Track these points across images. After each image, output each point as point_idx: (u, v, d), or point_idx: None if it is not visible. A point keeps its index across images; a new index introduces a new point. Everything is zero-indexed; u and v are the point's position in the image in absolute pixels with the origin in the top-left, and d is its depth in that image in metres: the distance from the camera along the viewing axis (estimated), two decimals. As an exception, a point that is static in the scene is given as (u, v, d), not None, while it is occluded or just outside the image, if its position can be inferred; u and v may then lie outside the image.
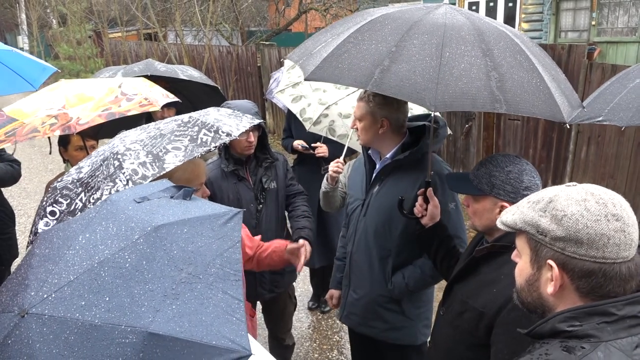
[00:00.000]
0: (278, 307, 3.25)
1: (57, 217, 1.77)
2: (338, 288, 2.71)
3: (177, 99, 3.14)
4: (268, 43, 10.69)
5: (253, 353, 1.15)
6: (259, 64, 10.15)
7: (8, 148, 3.41)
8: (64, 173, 2.49)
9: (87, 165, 1.87)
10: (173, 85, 3.85)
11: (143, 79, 3.12)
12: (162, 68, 4.09)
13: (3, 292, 1.28)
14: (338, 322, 4.28)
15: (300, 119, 3.55)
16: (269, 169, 2.99)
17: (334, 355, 3.93)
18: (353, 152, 3.26)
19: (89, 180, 1.79)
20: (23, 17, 23.06)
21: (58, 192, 1.82)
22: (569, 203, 1.12)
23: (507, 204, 1.73)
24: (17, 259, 3.86)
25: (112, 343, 1.10)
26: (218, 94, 4.21)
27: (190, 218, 1.34)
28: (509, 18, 12.09)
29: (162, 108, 3.15)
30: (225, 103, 3.04)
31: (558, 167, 5.87)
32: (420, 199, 2.14)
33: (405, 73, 1.77)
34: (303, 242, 2.38)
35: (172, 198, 1.45)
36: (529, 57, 1.88)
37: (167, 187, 1.50)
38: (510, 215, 1.22)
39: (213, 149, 1.90)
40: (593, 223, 1.09)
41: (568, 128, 5.40)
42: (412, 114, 2.50)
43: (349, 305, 2.55)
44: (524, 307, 1.24)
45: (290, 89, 3.68)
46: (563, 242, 1.11)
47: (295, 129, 4.05)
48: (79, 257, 1.23)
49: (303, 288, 4.70)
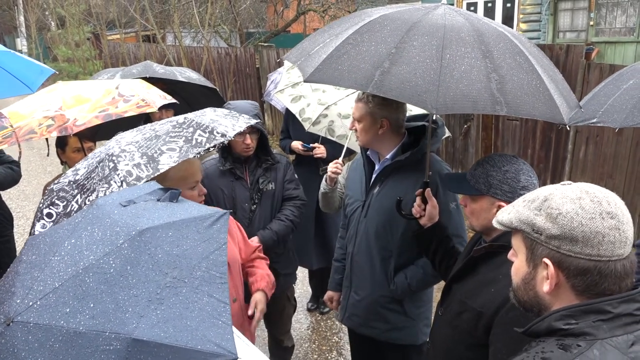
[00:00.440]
0: (277, 308, 3.23)
1: (53, 219, 1.77)
2: (337, 290, 2.70)
3: (174, 101, 3.14)
4: (266, 44, 10.68)
5: (239, 357, 1.14)
6: (258, 66, 10.14)
7: (13, 154, 3.39)
8: (62, 175, 2.48)
9: (83, 167, 1.87)
10: (171, 87, 3.84)
11: (141, 81, 3.12)
12: (160, 70, 4.08)
13: None
14: (337, 323, 4.27)
15: (300, 119, 3.54)
16: (269, 171, 2.98)
17: (333, 356, 3.93)
18: (352, 152, 3.25)
19: (85, 182, 1.78)
20: (21, 19, 23.09)
21: (55, 194, 1.81)
22: (564, 201, 1.13)
23: (504, 204, 1.72)
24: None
25: (96, 350, 1.09)
26: (216, 96, 4.20)
27: (176, 221, 1.32)
28: (507, 18, 12.11)
29: (160, 110, 3.16)
30: (227, 104, 3.03)
31: (557, 167, 5.88)
32: (419, 200, 2.14)
33: (406, 75, 1.76)
34: (254, 301, 2.23)
35: (158, 201, 1.44)
36: (528, 58, 1.88)
37: (154, 189, 1.49)
38: (506, 214, 1.22)
39: (211, 150, 1.90)
40: (588, 221, 1.09)
41: (567, 129, 5.40)
42: (411, 114, 2.50)
43: (351, 307, 2.55)
44: (521, 305, 1.24)
45: (290, 89, 3.68)
46: (558, 240, 1.12)
47: (293, 130, 4.04)
48: (64, 263, 1.23)
49: (302, 289, 4.69)
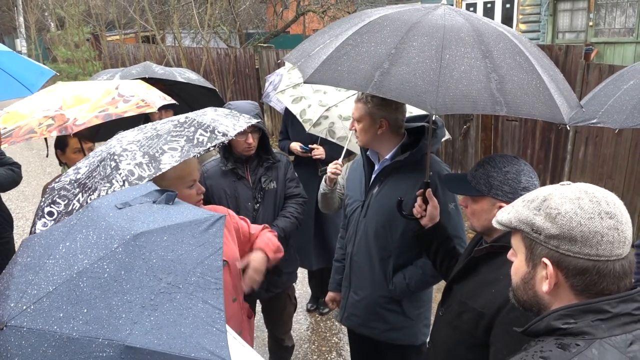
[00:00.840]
0: (278, 307, 3.24)
1: (54, 217, 1.77)
2: (337, 290, 2.70)
3: (174, 102, 3.14)
4: (266, 45, 10.68)
5: (235, 358, 1.13)
6: (257, 66, 10.15)
7: (14, 155, 3.38)
8: (61, 176, 2.48)
9: (84, 166, 1.86)
10: (170, 88, 3.84)
11: (140, 82, 3.12)
12: (159, 70, 4.08)
13: None
14: (337, 323, 4.27)
15: (300, 120, 3.54)
16: (270, 170, 2.99)
17: (333, 357, 3.92)
18: (351, 153, 3.25)
19: (87, 181, 1.78)
20: (21, 20, 23.08)
21: (56, 192, 1.81)
22: (563, 201, 1.13)
23: (505, 205, 1.72)
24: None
25: (89, 357, 1.08)
26: (216, 97, 4.20)
27: (171, 225, 1.30)
28: (507, 19, 12.12)
29: (159, 110, 3.16)
30: (228, 104, 3.03)
31: (556, 167, 5.88)
32: (420, 200, 2.14)
33: (406, 75, 1.76)
34: (247, 258, 2.18)
35: (154, 203, 1.42)
36: (528, 58, 1.88)
37: (150, 191, 1.48)
38: (505, 214, 1.23)
39: (211, 149, 1.90)
40: (587, 221, 1.10)
41: (567, 129, 5.41)
42: (411, 115, 2.50)
43: (350, 307, 2.55)
44: (520, 305, 1.25)
45: (291, 90, 3.67)
46: (557, 239, 1.12)
47: (292, 131, 4.03)
48: (59, 266, 1.21)
49: (301, 290, 4.68)
